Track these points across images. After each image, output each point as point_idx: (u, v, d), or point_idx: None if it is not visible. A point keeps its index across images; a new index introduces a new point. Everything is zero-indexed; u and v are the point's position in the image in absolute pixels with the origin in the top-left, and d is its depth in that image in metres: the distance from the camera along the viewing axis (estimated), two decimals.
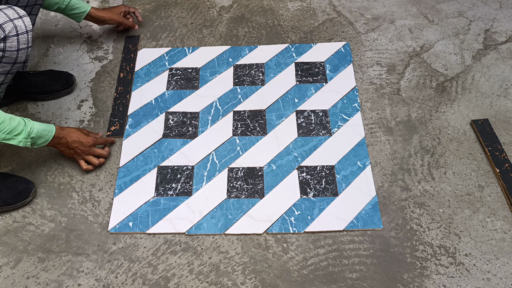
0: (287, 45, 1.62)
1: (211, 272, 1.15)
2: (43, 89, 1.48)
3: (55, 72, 1.52)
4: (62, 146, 1.27)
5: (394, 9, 1.74)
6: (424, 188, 1.27)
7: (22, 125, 1.13)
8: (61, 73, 1.52)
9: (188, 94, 1.50)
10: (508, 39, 1.62)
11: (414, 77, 1.53)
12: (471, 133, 1.38)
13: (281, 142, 1.37)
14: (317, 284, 1.12)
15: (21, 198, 1.26)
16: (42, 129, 1.17)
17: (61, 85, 1.50)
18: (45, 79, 1.48)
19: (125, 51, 1.62)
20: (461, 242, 1.18)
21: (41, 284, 1.14)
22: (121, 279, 1.14)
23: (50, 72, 1.52)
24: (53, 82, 1.49)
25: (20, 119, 1.13)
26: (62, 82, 1.50)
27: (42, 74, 1.49)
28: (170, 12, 1.76)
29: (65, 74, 1.52)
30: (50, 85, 1.48)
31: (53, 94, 1.49)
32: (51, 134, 1.20)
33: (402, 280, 1.12)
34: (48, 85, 1.48)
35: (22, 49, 1.13)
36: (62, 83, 1.50)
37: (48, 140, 1.21)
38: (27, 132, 1.13)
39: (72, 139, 1.26)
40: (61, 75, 1.51)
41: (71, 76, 1.52)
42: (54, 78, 1.49)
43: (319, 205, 1.24)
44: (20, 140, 1.13)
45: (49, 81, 1.48)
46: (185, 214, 1.24)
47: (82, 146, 1.28)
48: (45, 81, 1.48)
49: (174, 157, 1.35)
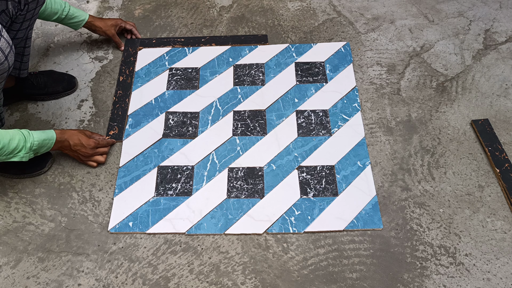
0: (287, 45, 1.62)
1: (211, 272, 1.15)
2: (45, 90, 1.48)
3: (57, 74, 1.52)
4: (66, 149, 1.29)
5: (394, 9, 1.74)
6: (424, 188, 1.27)
7: (22, 143, 1.13)
8: (63, 75, 1.52)
9: (188, 94, 1.50)
10: (508, 39, 1.62)
11: (414, 77, 1.53)
12: (471, 133, 1.38)
13: (281, 142, 1.37)
14: (317, 284, 1.12)
15: (38, 168, 1.32)
16: (42, 139, 1.18)
17: (63, 87, 1.50)
18: (47, 80, 1.48)
19: (125, 54, 1.62)
20: (461, 242, 1.18)
21: (41, 284, 1.14)
22: (121, 279, 1.14)
23: (52, 73, 1.52)
24: (54, 84, 1.49)
25: (19, 137, 1.12)
26: (64, 84, 1.50)
27: (44, 75, 1.49)
28: (170, 12, 1.76)
29: (67, 77, 1.52)
30: (52, 87, 1.49)
31: (54, 95, 1.49)
32: (52, 141, 1.22)
33: (402, 280, 1.12)
34: (50, 86, 1.48)
35: (8, 53, 1.07)
36: (64, 85, 1.50)
37: (50, 147, 1.22)
38: (28, 148, 1.14)
39: (74, 142, 1.27)
40: (63, 77, 1.51)
41: (73, 78, 1.52)
42: (56, 80, 1.50)
43: (319, 205, 1.24)
44: (22, 156, 1.14)
45: (51, 82, 1.49)
46: (185, 214, 1.24)
47: (84, 149, 1.29)
48: (47, 83, 1.48)
49: (174, 157, 1.35)
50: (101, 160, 1.33)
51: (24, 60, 1.38)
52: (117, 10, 1.78)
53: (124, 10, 1.78)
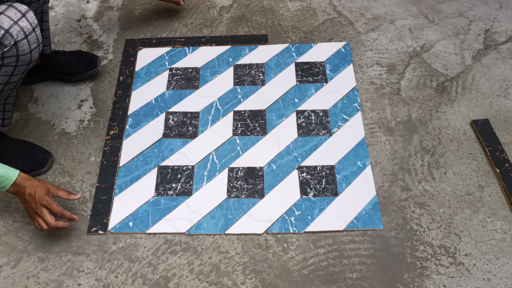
0: (287, 45, 1.62)
1: (211, 272, 1.15)
2: (68, 69, 1.49)
3: (82, 53, 1.54)
4: (20, 196, 1.11)
5: (394, 9, 1.74)
6: (424, 188, 1.27)
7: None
8: (87, 54, 1.54)
9: (188, 94, 1.50)
10: (508, 39, 1.62)
11: (414, 77, 1.53)
12: (471, 133, 1.38)
13: (281, 142, 1.37)
14: (317, 284, 1.12)
15: (37, 167, 1.30)
16: None
17: (85, 66, 1.51)
18: (71, 58, 1.50)
19: (125, 54, 1.62)
20: (461, 242, 1.18)
21: (41, 284, 1.14)
22: (121, 279, 1.14)
23: (76, 52, 1.54)
24: (77, 63, 1.50)
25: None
26: (87, 63, 1.51)
27: (69, 54, 1.51)
28: (171, 12, 1.76)
29: (91, 56, 1.53)
30: (75, 66, 1.50)
31: (77, 75, 1.51)
32: (8, 182, 1.08)
33: (402, 280, 1.12)
34: (73, 65, 1.50)
35: (34, 48, 1.11)
36: (87, 64, 1.51)
37: (5, 188, 1.08)
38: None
39: (29, 191, 1.09)
40: (87, 56, 1.52)
41: (96, 58, 1.53)
42: (80, 59, 1.51)
43: (319, 205, 1.24)
44: None
45: (74, 61, 1.50)
46: (185, 214, 1.24)
47: (33, 203, 1.10)
48: (70, 61, 1.50)
49: (174, 157, 1.35)
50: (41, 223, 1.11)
51: (44, 35, 1.40)
52: (117, 10, 1.78)
53: (124, 10, 1.78)
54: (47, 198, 1.10)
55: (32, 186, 1.10)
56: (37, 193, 1.09)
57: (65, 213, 1.13)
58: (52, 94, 1.52)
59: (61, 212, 1.12)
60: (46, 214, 1.10)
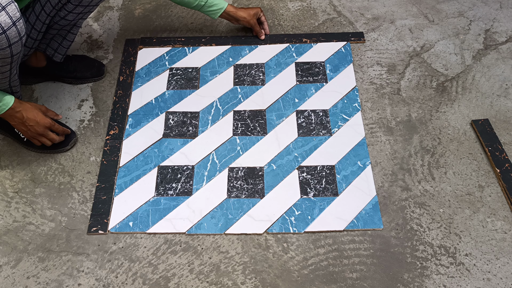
0: (287, 45, 1.62)
1: (211, 272, 1.15)
2: (74, 74, 1.50)
3: (89, 60, 1.54)
4: (15, 121, 1.22)
5: (395, 9, 1.74)
6: (424, 188, 1.27)
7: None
8: (94, 61, 1.54)
9: (188, 94, 1.50)
10: (508, 39, 1.62)
11: (414, 77, 1.53)
12: (471, 133, 1.38)
13: (281, 142, 1.37)
14: (317, 284, 1.12)
15: (61, 146, 1.35)
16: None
17: (91, 73, 1.52)
18: (77, 65, 1.51)
19: (125, 54, 1.62)
20: (461, 242, 1.18)
21: (41, 284, 1.14)
22: (121, 278, 1.14)
23: (84, 58, 1.54)
24: (84, 70, 1.51)
25: None
26: (93, 70, 1.52)
27: (75, 60, 1.51)
28: (171, 12, 1.76)
29: (97, 64, 1.54)
30: (81, 72, 1.51)
31: (81, 80, 1.52)
32: (5, 107, 1.15)
33: (402, 280, 1.12)
34: (79, 71, 1.50)
35: (15, 42, 1.05)
36: (93, 71, 1.52)
37: (2, 111, 1.16)
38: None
39: (28, 116, 1.21)
40: (94, 64, 1.53)
41: (103, 66, 1.54)
42: (86, 66, 1.52)
43: (319, 205, 1.24)
44: None
45: (80, 67, 1.51)
46: (185, 214, 1.24)
47: (37, 127, 1.24)
48: (76, 67, 1.50)
49: (174, 157, 1.35)
50: (47, 143, 1.29)
51: (63, 44, 1.41)
52: (117, 10, 1.78)
53: (124, 10, 1.78)
54: (49, 121, 1.27)
55: (28, 109, 1.21)
56: (37, 117, 1.23)
57: (65, 129, 1.33)
58: (52, 94, 1.52)
59: (62, 129, 1.32)
60: (50, 133, 1.28)
